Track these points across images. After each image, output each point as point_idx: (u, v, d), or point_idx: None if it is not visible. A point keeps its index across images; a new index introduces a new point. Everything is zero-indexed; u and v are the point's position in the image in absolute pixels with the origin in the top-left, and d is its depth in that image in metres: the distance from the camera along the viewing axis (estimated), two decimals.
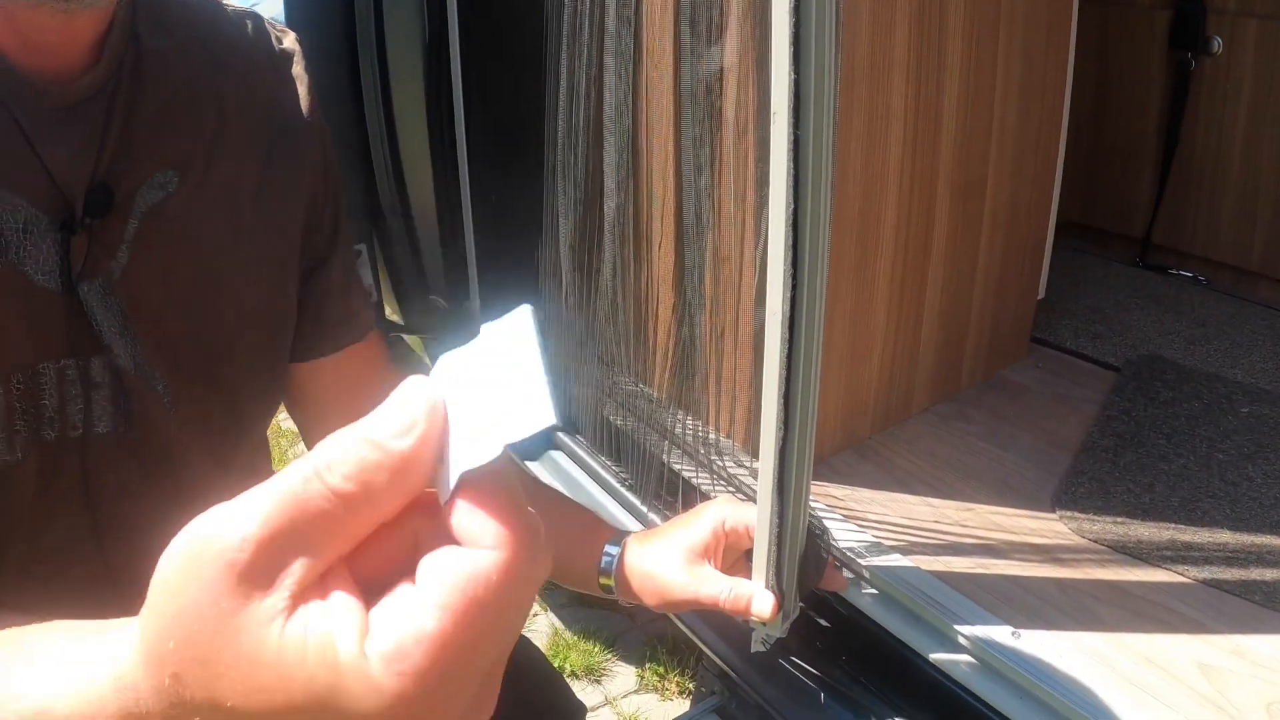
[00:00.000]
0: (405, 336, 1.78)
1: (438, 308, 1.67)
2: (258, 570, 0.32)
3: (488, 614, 0.31)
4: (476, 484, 0.31)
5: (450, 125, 1.60)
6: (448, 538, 0.32)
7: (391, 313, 1.77)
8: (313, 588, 0.32)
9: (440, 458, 0.32)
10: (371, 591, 0.33)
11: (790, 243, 0.66)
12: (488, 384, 0.32)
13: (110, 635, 0.38)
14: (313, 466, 0.31)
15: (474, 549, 0.31)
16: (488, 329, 0.33)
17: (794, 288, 0.68)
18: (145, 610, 0.35)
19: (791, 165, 0.65)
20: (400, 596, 0.32)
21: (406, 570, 0.32)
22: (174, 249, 0.69)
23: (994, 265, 1.26)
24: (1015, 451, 1.14)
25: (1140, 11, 1.98)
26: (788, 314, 0.68)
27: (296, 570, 0.32)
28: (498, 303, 1.59)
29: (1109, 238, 2.14)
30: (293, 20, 1.54)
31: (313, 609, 0.32)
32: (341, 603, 0.32)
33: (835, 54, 0.64)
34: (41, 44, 0.61)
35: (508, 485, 0.32)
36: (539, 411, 0.30)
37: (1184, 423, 1.22)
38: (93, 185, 0.64)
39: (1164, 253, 2.01)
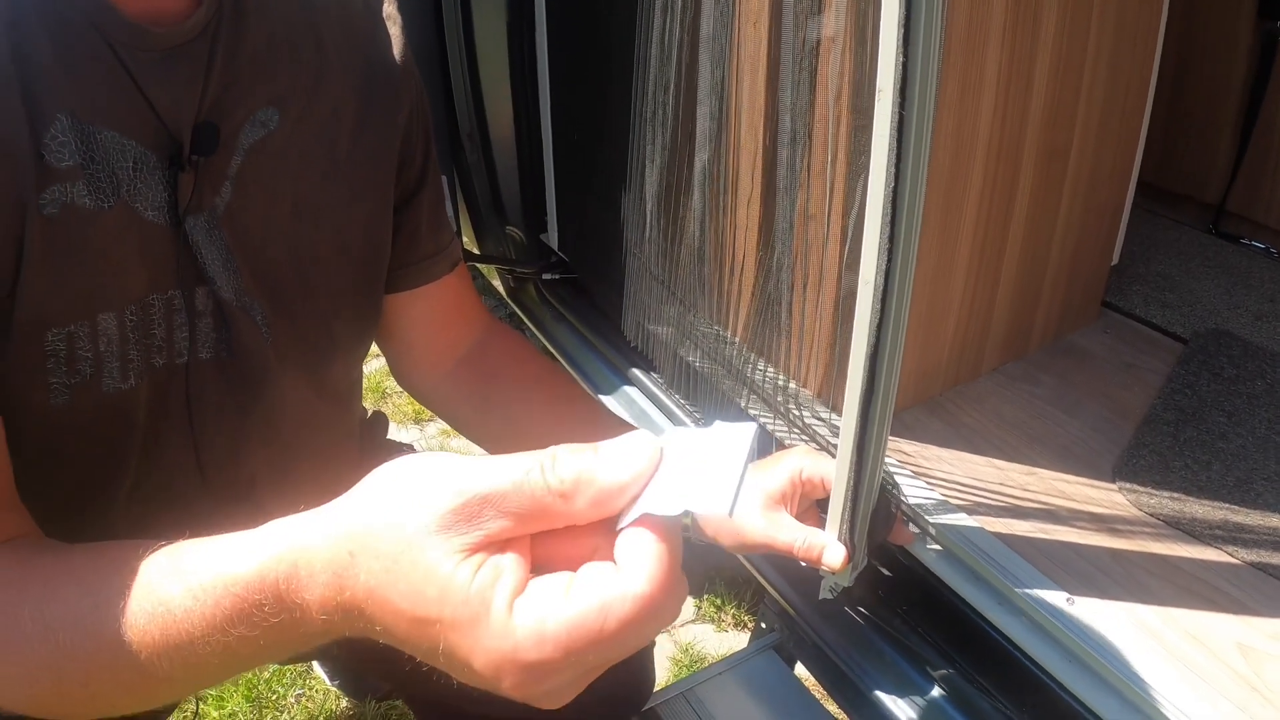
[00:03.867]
0: (480, 266, 1.82)
1: (514, 239, 1.71)
2: (465, 517, 0.40)
3: (610, 634, 0.39)
4: (650, 525, 0.39)
5: (532, 55, 1.61)
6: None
7: (468, 242, 1.81)
8: (497, 544, 0.40)
9: (639, 494, 0.39)
10: (542, 572, 0.41)
11: (889, 218, 0.69)
12: (698, 463, 0.39)
13: (278, 523, 0.47)
14: (541, 461, 0.39)
15: (625, 577, 0.38)
16: (719, 425, 0.41)
17: (889, 261, 0.71)
18: (347, 502, 0.45)
19: (895, 144, 0.67)
20: (559, 581, 0.40)
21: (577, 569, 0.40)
22: (275, 184, 0.74)
23: (1072, 230, 1.27)
24: (1080, 418, 1.17)
25: None
26: (880, 285, 0.71)
27: (491, 526, 0.40)
28: (574, 236, 1.62)
29: (1183, 202, 2.11)
30: None
31: (490, 558, 0.40)
32: (512, 562, 0.41)
33: (941, 35, 0.65)
34: None
35: (673, 538, 0.40)
36: (721, 502, 0.37)
37: (1245, 401, 1.24)
38: (198, 123, 0.68)
39: (1238, 221, 1.99)
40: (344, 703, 1.55)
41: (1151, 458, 1.09)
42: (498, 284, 1.84)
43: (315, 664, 1.57)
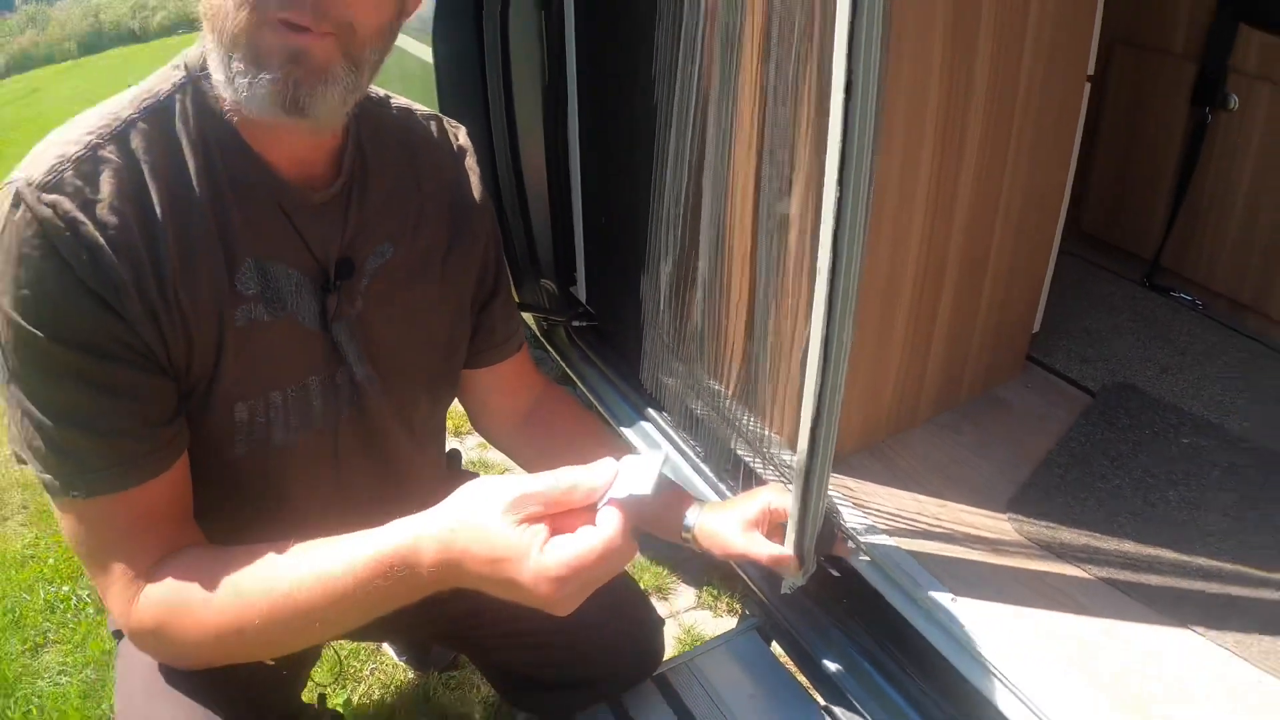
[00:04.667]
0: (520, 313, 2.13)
1: (547, 290, 2.03)
2: (516, 506, 0.77)
3: (594, 561, 0.75)
4: (613, 504, 0.76)
5: (566, 141, 1.91)
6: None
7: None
8: (532, 519, 0.76)
9: (606, 491, 0.75)
10: (558, 534, 0.76)
11: (826, 309, 0.95)
12: (635, 472, 0.75)
13: (395, 523, 0.83)
14: (556, 475, 0.76)
15: (600, 531, 0.75)
16: (647, 453, 0.78)
17: (826, 343, 0.99)
18: (447, 504, 0.82)
19: (831, 263, 0.95)
20: (566, 539, 0.76)
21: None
22: (390, 297, 1.05)
23: (994, 311, 1.60)
24: (990, 460, 1.51)
25: (1172, 60, 2.19)
26: (820, 361, 1.01)
27: (530, 509, 0.77)
28: (599, 292, 1.95)
29: (1125, 255, 2.41)
30: (438, 31, 1.83)
31: (530, 526, 0.76)
32: (541, 528, 0.77)
33: (871, 177, 0.91)
34: (300, 159, 0.95)
35: (625, 511, 0.76)
36: (646, 488, 0.74)
37: (1129, 448, 1.57)
38: (339, 258, 0.99)
39: (1170, 275, 2.28)
40: (410, 674, 1.85)
41: (1039, 494, 1.43)
42: (533, 324, 2.16)
43: (385, 645, 1.87)
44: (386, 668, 1.86)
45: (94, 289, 0.82)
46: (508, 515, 0.76)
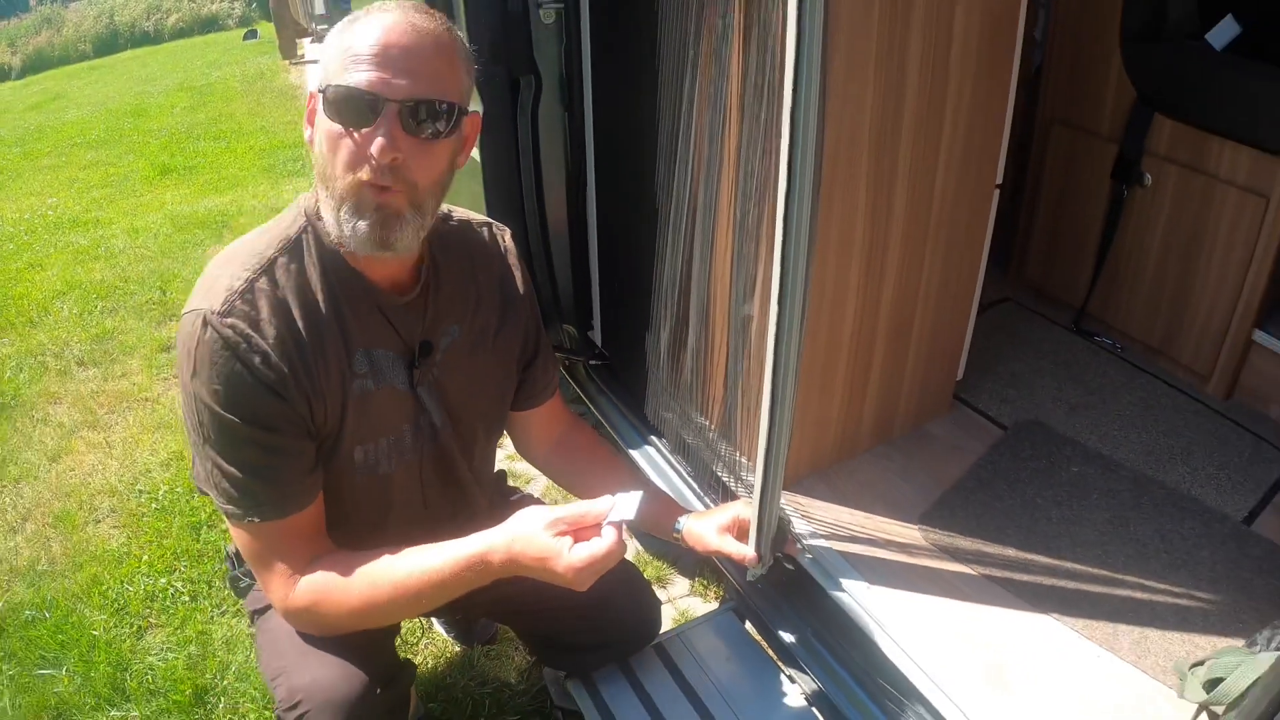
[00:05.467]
0: None
1: (568, 333, 2.47)
2: (552, 525, 1.25)
3: (600, 560, 1.23)
4: (611, 525, 1.24)
5: (584, 204, 2.28)
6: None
7: None
8: (563, 533, 1.24)
9: (605, 516, 1.23)
10: (579, 541, 1.23)
11: (773, 363, 1.39)
12: (623, 503, 1.23)
13: (474, 535, 1.26)
14: (574, 506, 1.25)
15: (604, 540, 1.23)
16: (633, 492, 1.26)
17: (773, 400, 1.43)
18: (507, 526, 1.31)
19: (776, 331, 1.37)
20: (584, 544, 1.24)
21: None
22: (457, 366, 1.41)
23: (920, 364, 2.03)
24: (912, 484, 1.95)
25: (1099, 142, 2.55)
26: (769, 400, 1.43)
27: (561, 526, 1.25)
28: (612, 336, 2.39)
29: (1059, 302, 2.79)
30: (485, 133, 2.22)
31: (561, 536, 1.24)
32: (568, 539, 1.24)
33: (809, 267, 1.37)
34: (391, 275, 1.31)
35: (619, 529, 1.23)
36: (630, 514, 1.22)
37: (1026, 475, 2.00)
38: (421, 341, 1.35)
39: (1095, 321, 2.66)
40: (456, 648, 2.15)
41: (946, 510, 1.86)
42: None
43: (435, 622, 2.18)
44: (437, 642, 2.19)
45: (266, 383, 1.20)
46: (547, 530, 1.22)
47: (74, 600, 2.41)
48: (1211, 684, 1.38)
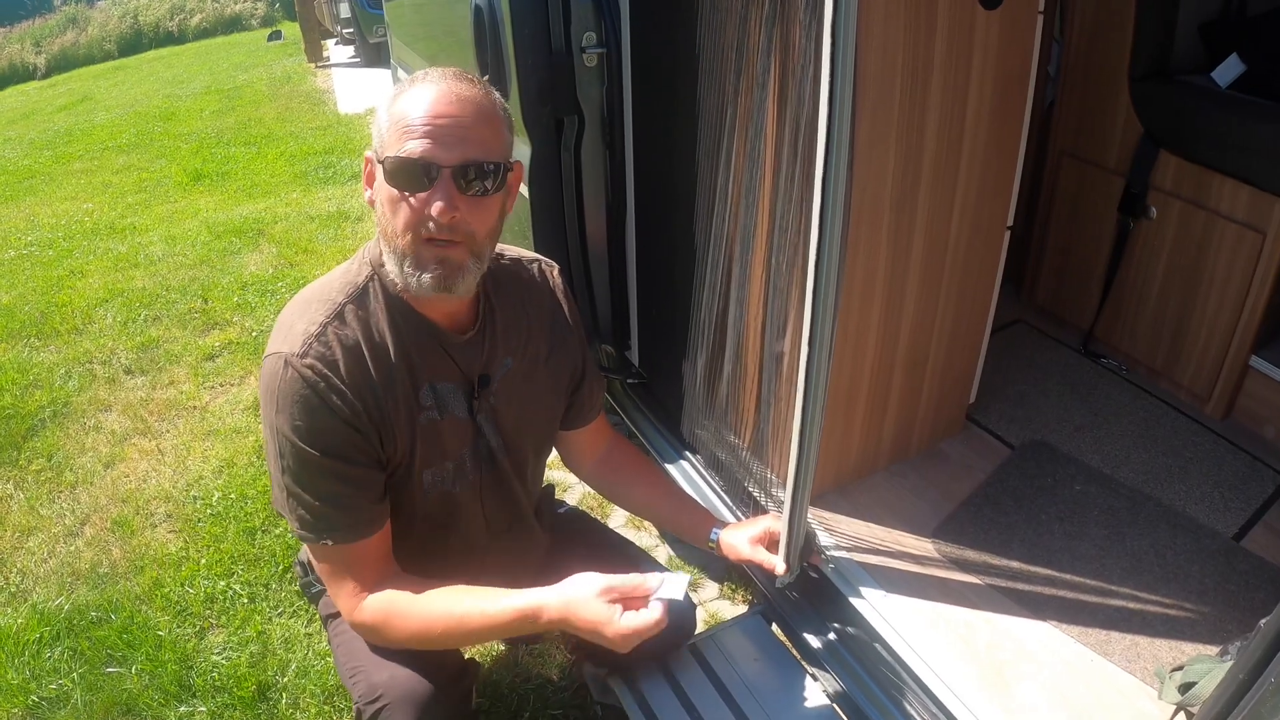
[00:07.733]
0: None
1: (606, 353, 2.63)
2: (605, 593, 1.40)
3: (644, 630, 1.37)
4: (659, 601, 1.37)
5: (624, 236, 2.42)
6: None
7: None
8: (615, 601, 1.38)
9: (655, 591, 1.37)
10: (627, 610, 1.38)
11: (804, 391, 1.56)
12: (672, 582, 1.38)
13: (531, 590, 1.37)
14: (628, 578, 1.40)
15: (650, 612, 1.38)
16: (679, 573, 1.42)
17: (804, 413, 1.61)
18: (562, 587, 1.45)
19: (808, 360, 1.56)
20: (632, 614, 1.39)
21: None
22: (512, 393, 1.51)
23: (934, 390, 2.19)
24: (925, 500, 2.11)
25: (1107, 175, 2.68)
26: (799, 427, 1.61)
27: (613, 594, 1.39)
28: (649, 358, 2.55)
29: (1069, 325, 2.93)
30: (531, 173, 2.40)
31: (613, 604, 1.39)
32: (618, 607, 1.38)
33: (837, 305, 1.54)
34: (451, 314, 1.39)
35: (664, 604, 1.36)
36: (680, 593, 1.37)
37: (1031, 493, 2.16)
38: (480, 374, 1.44)
39: (1102, 343, 2.79)
40: (503, 647, 2.23)
41: (956, 524, 2.03)
42: None
43: None
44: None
45: (342, 418, 1.30)
46: (600, 597, 1.32)
47: (137, 602, 2.50)
48: (1185, 687, 1.55)
